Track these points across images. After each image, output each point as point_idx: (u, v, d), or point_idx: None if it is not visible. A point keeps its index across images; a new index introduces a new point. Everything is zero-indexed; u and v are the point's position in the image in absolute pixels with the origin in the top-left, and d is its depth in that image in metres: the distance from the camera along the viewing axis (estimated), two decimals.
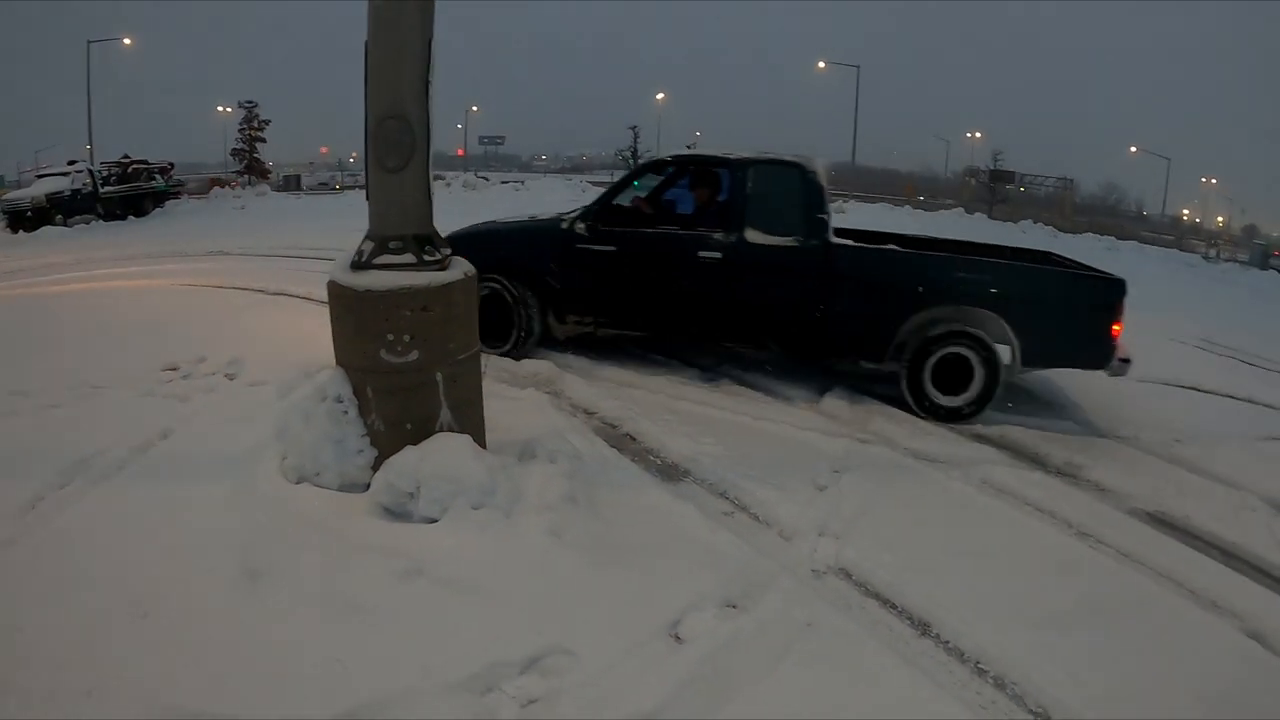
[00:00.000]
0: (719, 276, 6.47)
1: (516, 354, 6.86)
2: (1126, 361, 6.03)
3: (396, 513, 3.80)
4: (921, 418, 6.13)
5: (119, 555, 3.63)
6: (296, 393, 4.73)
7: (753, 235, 6.40)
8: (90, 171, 26.06)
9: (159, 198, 28.34)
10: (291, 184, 47.42)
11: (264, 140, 46.99)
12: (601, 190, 8.95)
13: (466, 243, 6.18)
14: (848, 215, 25.08)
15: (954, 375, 6.09)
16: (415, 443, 3.89)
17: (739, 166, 6.54)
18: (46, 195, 23.65)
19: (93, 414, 5.55)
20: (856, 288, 6.29)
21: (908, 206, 36.02)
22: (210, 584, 3.40)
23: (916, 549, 4.09)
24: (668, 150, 7.36)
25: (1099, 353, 6.01)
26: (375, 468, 3.95)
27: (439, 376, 3.95)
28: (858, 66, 49.84)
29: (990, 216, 32.67)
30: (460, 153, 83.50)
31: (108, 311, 9.24)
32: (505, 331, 6.88)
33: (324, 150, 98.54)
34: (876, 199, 38.57)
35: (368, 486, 3.94)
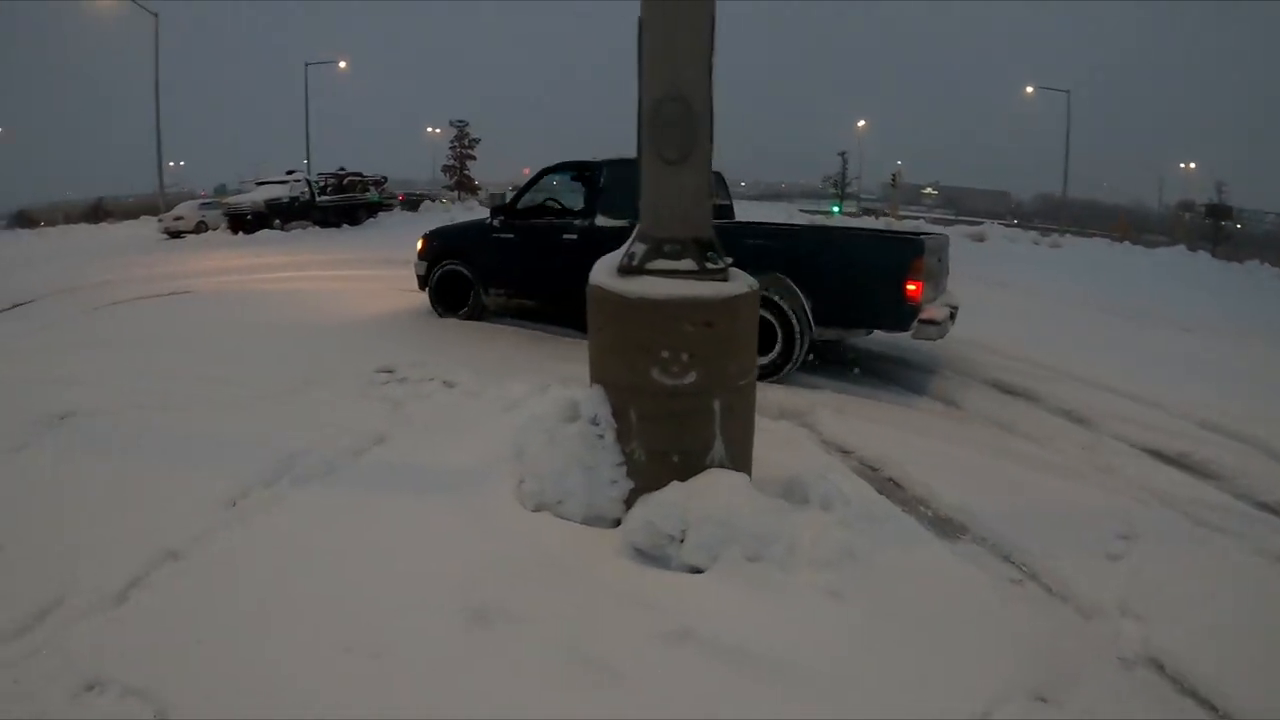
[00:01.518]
0: (577, 254, 7.16)
1: (469, 317, 8.82)
2: (932, 324, 6.23)
3: (652, 556, 3.27)
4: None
5: (323, 572, 3.29)
6: (535, 408, 4.34)
7: (601, 220, 7.62)
8: (308, 181, 27.51)
9: (372, 208, 29.55)
10: (497, 200, 49.07)
11: (474, 158, 48.65)
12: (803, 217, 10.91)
13: (440, 236, 9.30)
14: (1062, 251, 23.63)
15: (763, 335, 6.20)
16: (681, 478, 3.35)
17: (597, 166, 7.96)
18: (266, 201, 25.28)
19: (303, 410, 5.40)
20: None
21: (1125, 243, 32.94)
22: (431, 621, 2.96)
23: (1229, 638, 3.32)
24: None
25: (896, 314, 6.22)
26: (628, 502, 3.44)
27: (716, 404, 3.38)
28: (1068, 91, 46.43)
29: (1213, 255, 29.61)
30: None
31: (321, 309, 9.45)
32: (463, 301, 8.86)
33: (525, 171, 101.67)
34: (1091, 234, 36.06)
35: (616, 522, 3.46)
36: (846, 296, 6.44)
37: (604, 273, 3.54)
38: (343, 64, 51.67)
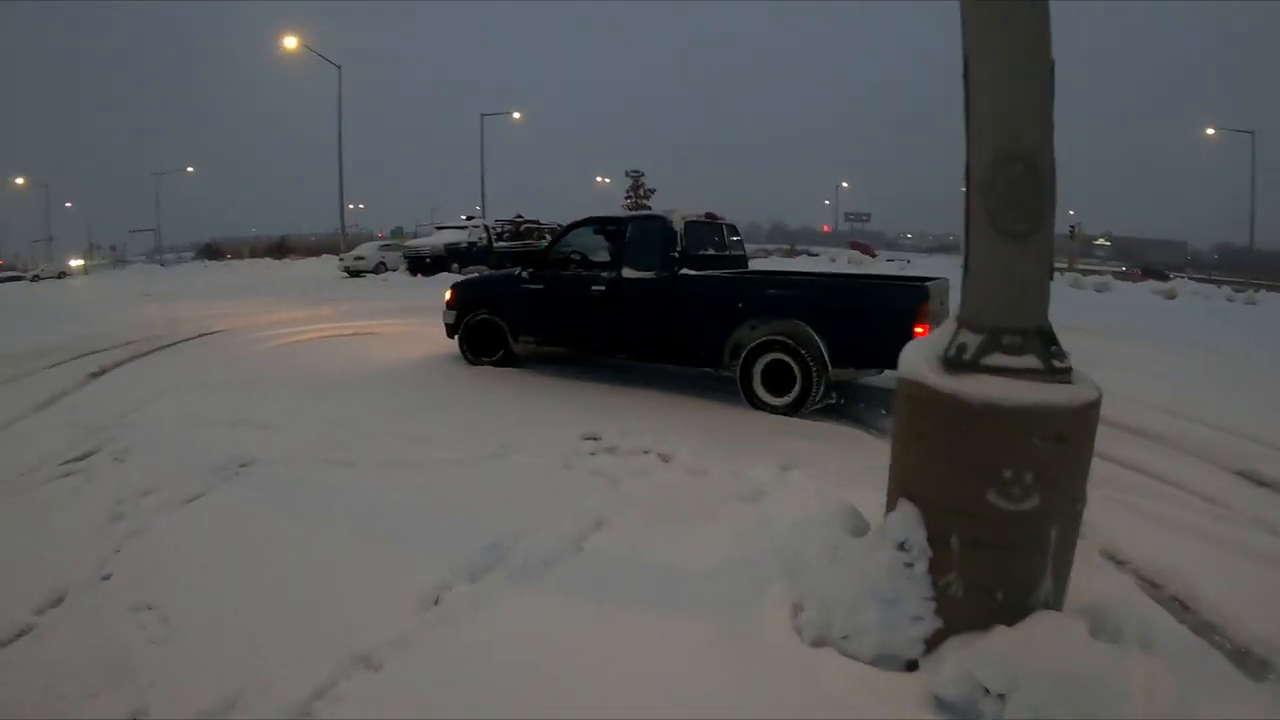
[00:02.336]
0: (605, 304, 8.34)
1: (501, 364, 9.23)
2: None
3: (959, 710, 2.65)
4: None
5: (567, 701, 2.78)
6: (792, 504, 3.81)
7: (627, 272, 8.20)
8: (485, 227, 28.11)
9: None
10: None
11: (649, 208, 49.37)
12: None
13: (469, 287, 9.71)
14: (1259, 308, 21.61)
15: (780, 377, 7.24)
16: (1002, 619, 2.71)
17: (622, 221, 8.55)
18: (445, 245, 26.07)
19: (507, 480, 5.04)
20: (694, 307, 7.86)
21: None
22: None
23: None
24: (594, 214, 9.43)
25: None
26: (929, 642, 2.83)
27: (1053, 533, 2.74)
28: (1252, 132, 42.92)
29: None
30: (826, 229, 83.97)
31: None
32: (496, 348, 9.28)
33: None
34: None
35: (909, 665, 2.86)
36: (860, 339, 6.97)
37: (923, 364, 2.92)
38: (517, 115, 53.25)
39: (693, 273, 7.99)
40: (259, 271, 40.79)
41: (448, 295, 9.72)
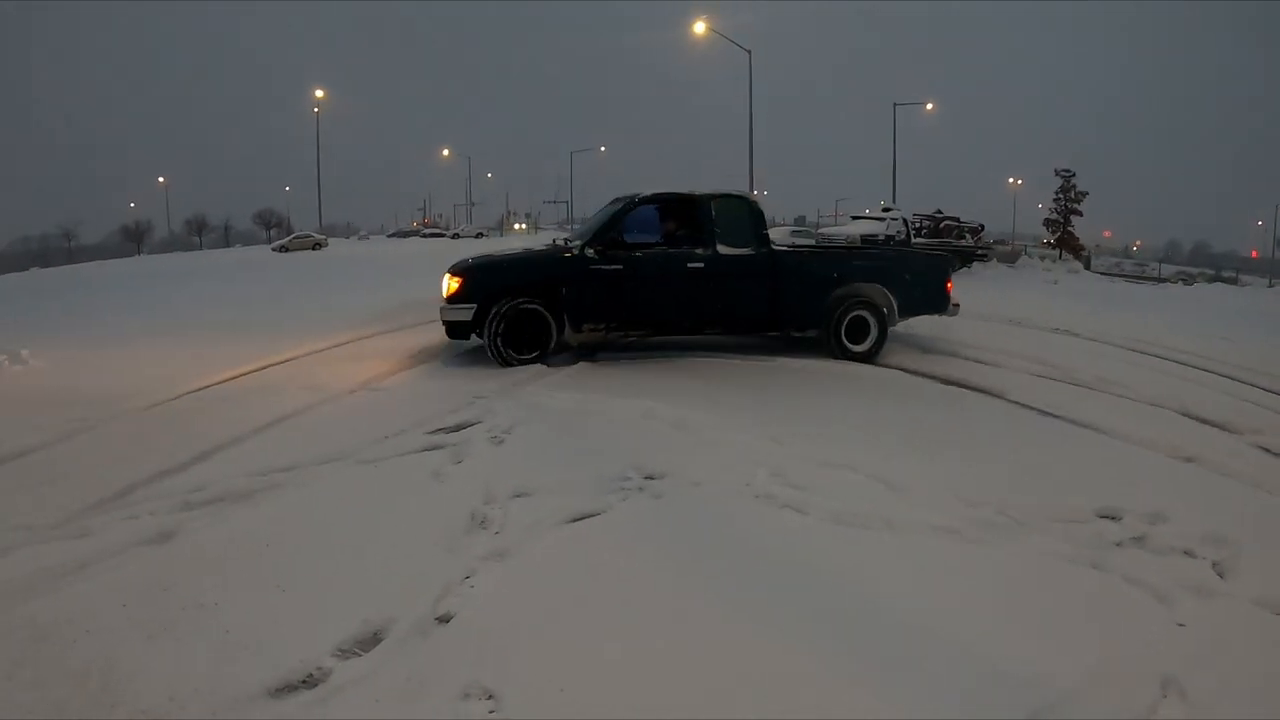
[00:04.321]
0: (703, 280, 8.32)
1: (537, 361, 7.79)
2: (957, 306, 9.04)
3: None
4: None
5: None
6: None
7: (722, 249, 8.37)
8: (905, 220, 26.54)
9: (965, 257, 27.10)
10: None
11: (1080, 214, 44.44)
12: None
13: (493, 272, 8.30)
14: None
15: (857, 329, 8.57)
16: None
17: (704, 199, 8.49)
18: (861, 236, 24.84)
19: (1017, 576, 3.50)
20: (797, 279, 8.63)
21: None
22: None
23: None
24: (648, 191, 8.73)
25: (942, 302, 8.94)
26: None
27: None
28: None
29: None
30: (1254, 254, 74.81)
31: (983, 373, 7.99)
32: (536, 343, 7.91)
33: (1106, 234, 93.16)
34: None
35: None
36: (917, 293, 8.81)
37: None
38: (929, 106, 50.88)
39: (788, 249, 9.38)
40: None
41: (453, 285, 7.93)
